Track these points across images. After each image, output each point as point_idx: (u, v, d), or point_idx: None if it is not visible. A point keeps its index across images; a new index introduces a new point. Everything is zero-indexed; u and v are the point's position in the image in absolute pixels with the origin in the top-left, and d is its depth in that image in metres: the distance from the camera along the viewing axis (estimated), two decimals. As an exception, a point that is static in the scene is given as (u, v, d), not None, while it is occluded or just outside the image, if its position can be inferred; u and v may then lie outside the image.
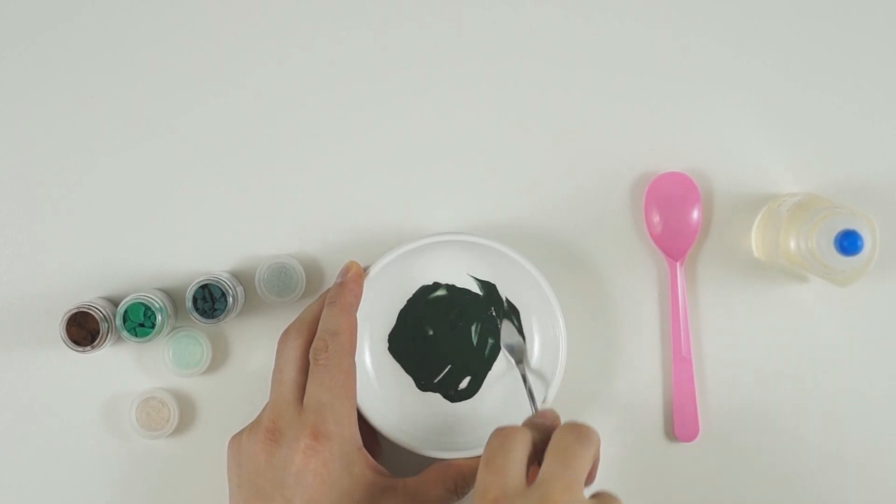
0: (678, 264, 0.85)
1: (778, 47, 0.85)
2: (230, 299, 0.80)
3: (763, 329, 0.85)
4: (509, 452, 0.68)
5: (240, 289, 0.83)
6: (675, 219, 0.85)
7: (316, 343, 0.77)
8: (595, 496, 0.67)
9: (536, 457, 0.70)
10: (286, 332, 0.79)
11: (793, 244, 0.79)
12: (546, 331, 0.82)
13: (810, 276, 0.85)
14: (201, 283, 0.80)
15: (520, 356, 0.82)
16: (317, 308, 0.80)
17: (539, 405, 0.80)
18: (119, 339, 0.81)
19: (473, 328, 0.83)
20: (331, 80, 0.85)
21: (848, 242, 0.76)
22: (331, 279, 0.84)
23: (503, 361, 0.83)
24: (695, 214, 0.85)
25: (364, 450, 0.77)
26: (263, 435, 0.76)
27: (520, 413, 0.80)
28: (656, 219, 0.85)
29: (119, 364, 0.84)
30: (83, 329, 0.79)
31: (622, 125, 0.85)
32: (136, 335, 0.80)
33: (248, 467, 0.76)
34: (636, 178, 0.85)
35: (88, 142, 0.84)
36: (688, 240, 0.85)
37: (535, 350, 0.83)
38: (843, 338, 0.85)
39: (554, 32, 0.85)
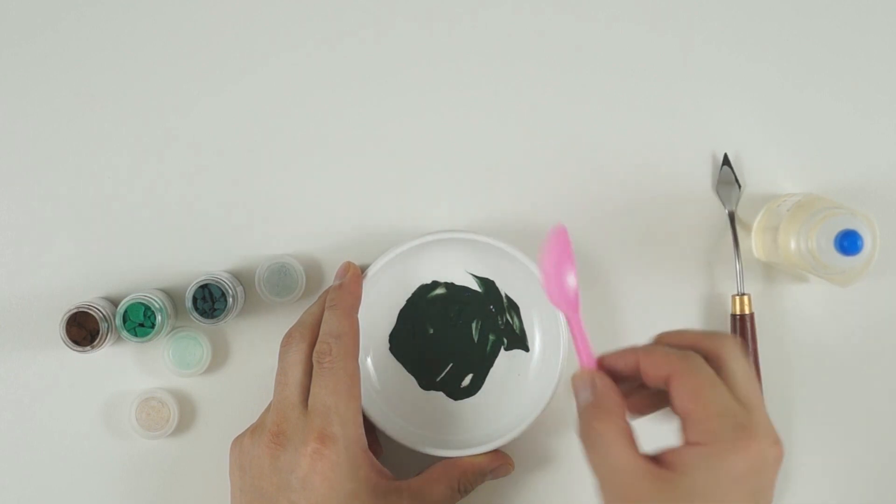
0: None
1: (778, 47, 0.86)
2: (230, 299, 0.80)
3: (763, 329, 0.85)
4: (720, 390, 0.65)
5: (240, 289, 0.83)
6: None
7: (319, 346, 0.77)
8: None
9: None
10: (289, 336, 0.79)
11: (793, 244, 0.79)
12: (546, 326, 0.82)
13: (810, 276, 0.85)
14: (201, 283, 0.80)
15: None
16: (317, 310, 0.80)
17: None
18: (119, 339, 0.81)
19: (474, 325, 0.83)
20: (331, 80, 0.85)
21: (848, 242, 0.76)
22: (330, 279, 0.84)
23: (505, 358, 0.83)
24: None
25: (369, 451, 0.76)
26: (268, 438, 0.75)
27: (521, 411, 0.81)
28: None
29: (119, 364, 0.84)
30: (83, 329, 0.79)
31: (622, 125, 0.85)
32: (136, 335, 0.80)
33: (252, 471, 0.75)
34: (636, 178, 0.85)
35: (88, 141, 0.84)
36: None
37: (536, 345, 0.83)
38: (843, 338, 0.85)
39: (553, 32, 0.85)
